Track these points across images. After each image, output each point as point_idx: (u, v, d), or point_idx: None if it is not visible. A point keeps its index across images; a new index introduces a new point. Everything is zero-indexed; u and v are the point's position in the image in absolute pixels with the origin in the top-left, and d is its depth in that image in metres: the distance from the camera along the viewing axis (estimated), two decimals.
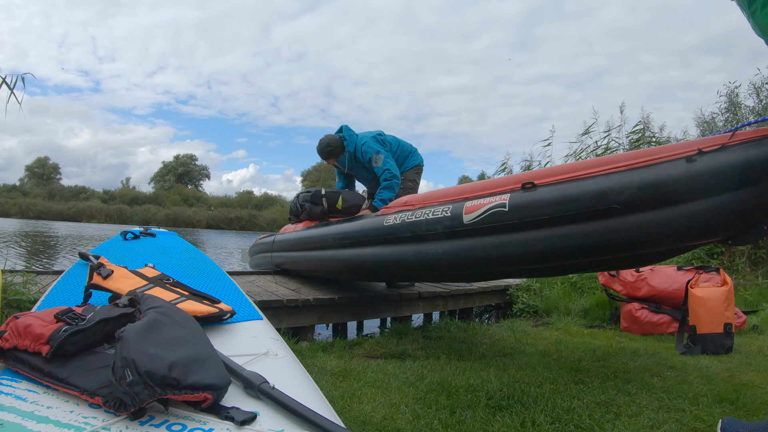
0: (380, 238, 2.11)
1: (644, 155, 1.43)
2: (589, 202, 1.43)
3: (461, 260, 1.78)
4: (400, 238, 1.99)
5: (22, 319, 0.80)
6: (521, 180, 1.63)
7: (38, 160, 45.16)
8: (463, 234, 1.74)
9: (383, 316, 3.20)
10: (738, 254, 4.57)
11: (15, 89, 2.30)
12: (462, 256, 1.76)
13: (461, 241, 1.76)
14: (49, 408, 0.70)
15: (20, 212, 33.01)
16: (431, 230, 1.84)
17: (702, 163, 1.31)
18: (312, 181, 45.39)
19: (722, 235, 1.39)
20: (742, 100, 5.89)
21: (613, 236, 1.42)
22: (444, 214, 1.81)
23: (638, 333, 2.80)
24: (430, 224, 1.85)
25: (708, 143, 1.34)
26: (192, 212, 35.83)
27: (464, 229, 1.72)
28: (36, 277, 2.16)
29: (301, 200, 3.13)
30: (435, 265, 1.89)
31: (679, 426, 1.35)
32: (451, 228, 1.77)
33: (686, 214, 1.33)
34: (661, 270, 2.88)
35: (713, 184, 1.30)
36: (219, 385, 0.71)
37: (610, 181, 1.41)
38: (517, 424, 1.31)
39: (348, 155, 3.20)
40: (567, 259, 1.57)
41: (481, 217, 1.67)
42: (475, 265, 1.78)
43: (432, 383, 1.65)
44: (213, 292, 1.25)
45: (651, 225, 1.36)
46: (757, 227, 1.33)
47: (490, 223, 1.64)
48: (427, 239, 1.87)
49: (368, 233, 2.20)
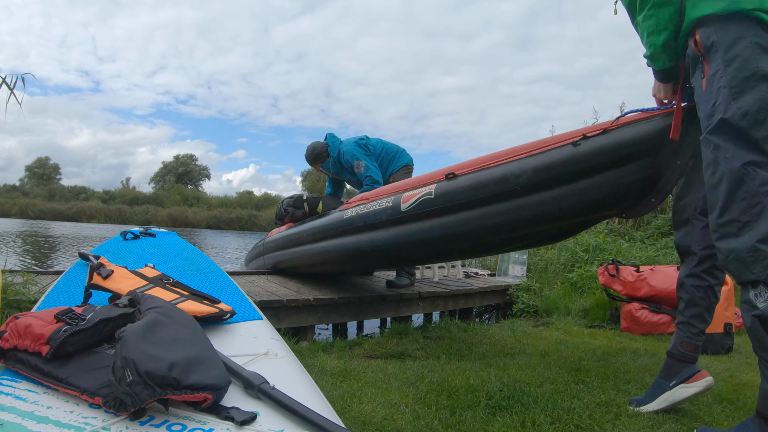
0: (341, 229, 2.41)
1: (540, 144, 1.64)
2: (496, 186, 1.68)
3: (403, 243, 2.07)
4: (357, 228, 2.29)
5: (22, 319, 0.80)
6: (446, 172, 1.90)
7: (38, 160, 45.17)
8: (403, 220, 2.03)
9: (383, 316, 3.20)
10: None
11: (15, 89, 2.30)
12: (403, 239, 2.05)
13: (402, 227, 2.05)
14: (49, 408, 0.70)
15: (20, 212, 32.99)
16: (379, 219, 2.15)
17: (585, 147, 1.50)
18: (312, 181, 45.35)
19: (615, 208, 1.56)
20: None
21: (519, 214, 1.66)
22: (387, 204, 2.12)
23: (638, 333, 2.80)
24: (378, 214, 2.15)
25: (592, 129, 1.53)
26: (192, 212, 35.81)
27: (402, 216, 2.02)
28: (36, 277, 2.16)
29: (285, 205, 3.39)
30: (384, 250, 2.17)
31: (679, 426, 1.35)
32: (393, 216, 2.07)
33: (576, 191, 1.53)
34: (661, 270, 2.88)
35: (596, 164, 1.48)
36: (219, 385, 0.71)
37: (511, 167, 1.66)
38: (517, 424, 1.31)
39: (332, 160, 3.37)
40: (485, 237, 1.83)
41: (414, 204, 1.97)
42: (414, 247, 2.06)
43: (432, 383, 1.65)
44: (213, 292, 1.25)
45: (548, 203, 1.59)
46: (645, 200, 1.49)
47: (421, 209, 1.94)
48: (377, 227, 2.17)
49: (332, 226, 2.51)
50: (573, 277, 3.71)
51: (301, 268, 3.21)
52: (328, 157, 3.37)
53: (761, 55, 1.11)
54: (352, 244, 2.33)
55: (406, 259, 2.45)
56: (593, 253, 4.02)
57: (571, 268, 3.94)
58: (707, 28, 1.17)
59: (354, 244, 2.32)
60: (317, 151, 3.34)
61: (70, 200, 37.01)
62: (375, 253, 2.24)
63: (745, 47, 1.13)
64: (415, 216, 1.97)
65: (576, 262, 4.02)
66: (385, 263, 2.58)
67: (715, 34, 1.16)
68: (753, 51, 1.12)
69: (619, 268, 2.97)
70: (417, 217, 1.97)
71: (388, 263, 2.57)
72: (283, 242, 3.13)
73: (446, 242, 1.93)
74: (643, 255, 4.06)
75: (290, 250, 3.04)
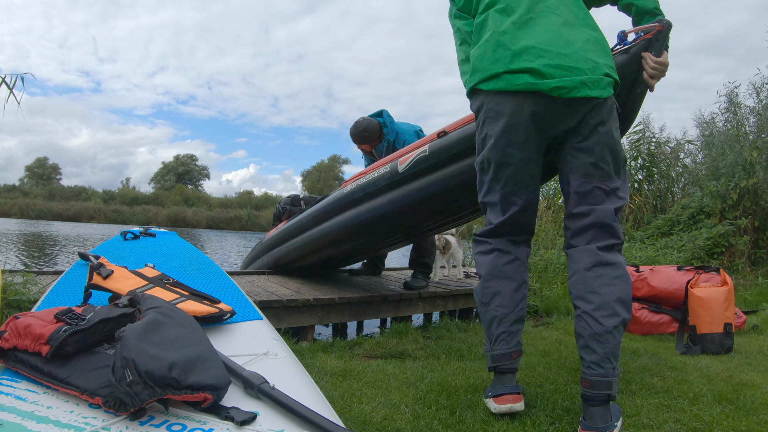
0: (342, 206, 2.45)
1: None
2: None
3: (401, 206, 2.15)
4: (357, 200, 2.35)
5: (22, 319, 0.80)
6: (438, 132, 2.03)
7: (38, 161, 45.22)
8: (400, 182, 2.12)
9: (383, 316, 3.20)
10: (738, 254, 4.57)
11: (14, 89, 2.31)
12: (400, 202, 2.14)
13: (399, 190, 2.14)
14: (49, 408, 0.70)
15: (20, 212, 32.99)
16: (378, 185, 2.22)
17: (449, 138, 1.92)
18: (312, 181, 45.39)
19: None
20: (742, 100, 5.89)
21: None
22: (385, 170, 2.20)
23: (638, 333, 2.80)
24: (377, 181, 2.23)
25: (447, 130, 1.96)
26: (192, 212, 35.81)
27: (400, 178, 2.11)
28: (36, 277, 2.15)
29: (282, 204, 3.34)
30: (385, 216, 2.24)
31: (679, 426, 1.35)
32: (391, 179, 2.15)
33: None
34: (661, 270, 2.88)
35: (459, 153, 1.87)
36: (219, 385, 0.71)
37: None
38: (517, 424, 1.31)
39: (387, 144, 2.97)
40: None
41: (411, 163, 2.07)
42: (412, 209, 2.15)
43: (432, 383, 1.65)
44: (213, 292, 1.25)
45: None
46: None
47: (417, 167, 2.04)
48: (375, 195, 2.24)
49: (333, 204, 2.53)
50: None
51: (304, 260, 3.09)
52: (383, 140, 2.95)
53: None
54: (353, 217, 2.36)
55: (404, 225, 2.43)
56: None
57: None
58: None
59: (355, 216, 2.36)
60: (369, 131, 2.92)
61: (70, 200, 37.00)
62: (375, 222, 2.29)
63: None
64: (412, 175, 2.07)
65: None
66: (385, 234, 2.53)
67: None
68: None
69: None
70: (413, 177, 2.07)
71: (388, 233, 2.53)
72: (283, 236, 3.05)
73: (442, 196, 2.02)
74: (643, 255, 4.06)
75: (291, 242, 2.97)
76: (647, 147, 6.40)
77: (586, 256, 1.37)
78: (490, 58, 1.39)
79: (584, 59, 1.33)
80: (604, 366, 1.26)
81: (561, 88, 1.31)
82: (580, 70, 1.31)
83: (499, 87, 1.37)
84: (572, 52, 1.33)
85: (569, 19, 1.38)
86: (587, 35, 1.37)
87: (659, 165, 6.39)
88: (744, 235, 4.59)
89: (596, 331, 1.28)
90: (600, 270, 1.34)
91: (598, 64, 1.33)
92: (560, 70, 1.31)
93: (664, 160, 6.41)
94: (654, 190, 6.30)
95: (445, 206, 2.15)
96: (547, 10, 1.38)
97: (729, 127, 5.88)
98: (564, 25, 1.36)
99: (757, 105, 5.67)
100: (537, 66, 1.32)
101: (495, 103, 1.40)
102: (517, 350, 1.44)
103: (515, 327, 1.44)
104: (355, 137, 3.02)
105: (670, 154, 6.39)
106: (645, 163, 6.40)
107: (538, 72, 1.32)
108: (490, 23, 1.42)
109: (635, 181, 6.38)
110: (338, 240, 2.61)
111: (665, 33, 1.39)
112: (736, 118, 5.89)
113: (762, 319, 3.10)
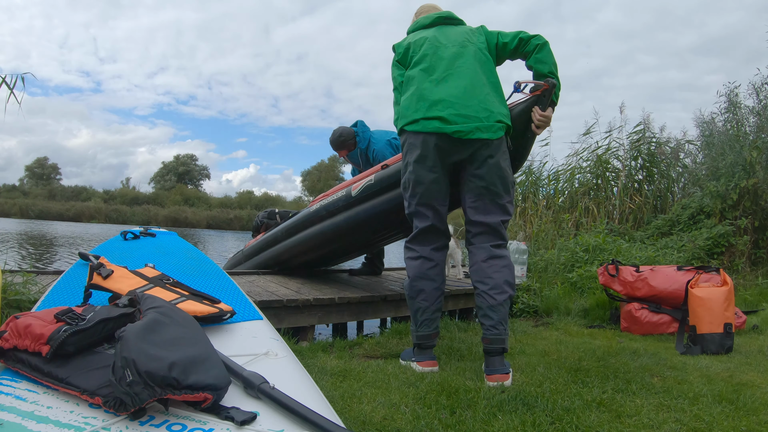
0: (309, 221, 2.93)
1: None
2: None
3: (355, 222, 2.61)
4: (321, 217, 2.82)
5: (22, 319, 0.80)
6: (382, 164, 2.49)
7: (38, 161, 45.19)
8: (353, 204, 2.59)
9: (383, 316, 3.20)
10: (738, 254, 4.57)
11: (15, 89, 2.30)
12: (353, 219, 2.61)
13: (353, 209, 2.60)
14: (49, 408, 0.70)
15: (20, 212, 32.98)
16: (337, 206, 2.70)
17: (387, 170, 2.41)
18: (312, 181, 45.34)
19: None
20: (742, 101, 5.88)
21: None
22: (342, 194, 2.68)
23: (638, 333, 2.80)
24: (336, 202, 2.71)
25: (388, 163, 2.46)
26: (191, 212, 35.81)
27: (353, 201, 2.59)
28: (36, 277, 2.15)
29: (260, 218, 3.75)
30: (343, 229, 2.69)
31: (679, 426, 1.35)
32: (347, 201, 2.63)
33: None
34: (661, 270, 2.88)
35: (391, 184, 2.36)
36: (219, 385, 0.71)
37: None
38: (517, 424, 1.31)
39: (359, 151, 3.22)
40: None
41: (361, 189, 2.54)
42: (363, 223, 2.60)
43: (432, 383, 1.65)
44: (213, 292, 1.25)
45: None
46: None
47: (366, 191, 2.51)
48: (335, 213, 2.71)
49: (302, 219, 3.00)
50: (573, 277, 3.71)
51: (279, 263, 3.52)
52: (355, 147, 3.22)
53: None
54: (319, 230, 2.85)
55: (358, 237, 2.87)
56: (593, 253, 4.01)
57: (571, 268, 3.94)
58: None
59: (319, 230, 2.84)
60: (343, 138, 3.21)
61: (70, 200, 37.00)
62: (335, 234, 2.77)
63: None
64: (362, 198, 2.54)
65: (576, 262, 4.02)
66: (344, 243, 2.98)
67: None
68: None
69: (619, 268, 2.97)
70: (363, 199, 2.54)
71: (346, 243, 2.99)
72: (261, 246, 3.49)
73: (385, 215, 2.49)
74: (643, 255, 4.06)
75: (268, 251, 3.41)
76: (647, 147, 6.39)
77: (482, 252, 1.89)
78: (413, 108, 1.88)
79: (482, 109, 1.83)
80: (498, 328, 1.79)
81: (460, 132, 1.81)
82: (476, 119, 1.82)
83: (417, 129, 1.86)
84: (473, 105, 1.83)
85: (475, 79, 1.87)
86: (487, 91, 1.87)
87: (659, 165, 6.38)
88: (744, 235, 4.59)
89: (491, 304, 1.81)
90: (492, 261, 1.86)
91: (492, 113, 1.84)
92: (461, 118, 1.82)
93: (664, 160, 6.40)
94: (654, 190, 6.30)
95: (389, 222, 2.59)
96: (459, 72, 1.87)
97: (729, 127, 5.87)
98: (470, 84, 1.86)
99: (757, 105, 5.66)
100: (445, 115, 1.82)
101: (413, 139, 1.89)
102: (435, 332, 1.94)
103: (435, 315, 1.93)
104: (333, 145, 3.32)
105: (670, 154, 6.38)
106: (645, 163, 6.39)
107: (446, 119, 1.82)
108: (416, 79, 1.92)
109: (635, 181, 6.38)
110: (307, 250, 3.07)
111: (550, 91, 1.85)
112: (736, 118, 5.88)
113: (762, 319, 3.10)
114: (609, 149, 6.54)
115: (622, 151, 6.48)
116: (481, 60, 1.92)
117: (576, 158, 6.75)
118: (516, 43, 1.95)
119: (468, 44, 1.94)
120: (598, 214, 5.99)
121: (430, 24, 2.05)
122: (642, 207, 6.00)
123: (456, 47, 1.92)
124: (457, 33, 1.98)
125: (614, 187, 6.31)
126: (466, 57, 1.90)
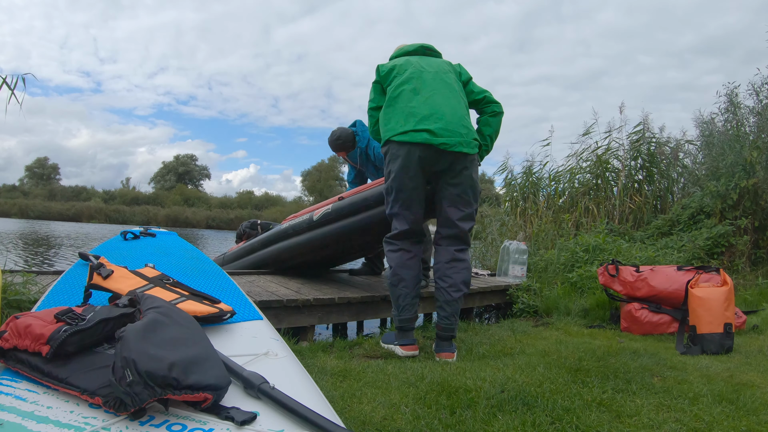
0: (279, 237, 3.36)
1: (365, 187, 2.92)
2: (360, 203, 2.80)
3: (316, 241, 3.06)
4: (288, 235, 3.26)
5: (22, 319, 0.80)
6: (339, 197, 2.98)
7: (38, 161, 45.25)
8: (314, 226, 3.04)
9: (383, 316, 3.20)
10: (738, 254, 4.57)
11: (15, 89, 2.30)
12: (314, 238, 3.05)
13: (314, 231, 3.05)
14: (49, 408, 0.70)
15: (20, 212, 32.98)
16: (302, 227, 3.14)
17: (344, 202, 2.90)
18: (312, 182, 45.33)
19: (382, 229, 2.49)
20: (742, 101, 5.88)
21: (371, 220, 2.72)
22: (305, 218, 3.14)
23: (638, 333, 2.80)
24: (301, 224, 3.16)
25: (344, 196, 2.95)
26: (191, 212, 35.81)
27: (314, 224, 3.03)
28: (36, 277, 2.15)
29: (243, 227, 4.07)
30: (306, 247, 3.15)
31: (679, 426, 1.35)
32: (309, 223, 3.07)
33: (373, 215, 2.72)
34: (661, 270, 2.88)
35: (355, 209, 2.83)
36: (219, 385, 0.71)
37: (365, 194, 2.79)
38: (517, 424, 1.31)
39: (359, 151, 3.25)
40: (363, 235, 2.88)
41: (321, 215, 2.99)
42: (321, 243, 3.03)
43: (432, 383, 1.65)
44: (213, 292, 1.25)
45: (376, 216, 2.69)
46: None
47: (324, 218, 2.97)
48: (300, 233, 3.16)
49: (274, 235, 3.43)
50: (573, 277, 3.71)
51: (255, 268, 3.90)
52: (355, 147, 3.24)
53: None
54: (286, 245, 3.29)
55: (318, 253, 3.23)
56: (593, 253, 4.01)
57: (571, 268, 3.93)
58: None
59: (286, 246, 3.29)
60: (342, 139, 3.22)
61: (70, 200, 36.99)
62: (300, 250, 3.21)
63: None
64: (321, 223, 2.99)
65: (576, 262, 4.01)
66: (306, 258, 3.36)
67: None
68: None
69: (619, 268, 2.97)
70: (322, 224, 2.99)
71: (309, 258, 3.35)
72: (241, 253, 3.91)
73: (340, 239, 2.95)
74: (643, 255, 4.06)
75: (245, 259, 3.82)
76: (647, 147, 6.38)
77: (446, 254, 2.22)
78: (402, 121, 2.11)
79: (462, 126, 2.12)
80: (451, 320, 2.17)
81: (446, 144, 2.07)
82: (459, 134, 2.10)
83: (406, 139, 2.08)
84: (455, 122, 2.11)
85: (455, 101, 2.17)
86: (465, 112, 2.21)
87: (659, 165, 6.37)
88: (744, 235, 4.58)
89: (447, 300, 2.18)
90: (454, 263, 2.20)
91: (470, 131, 2.17)
92: (447, 132, 2.08)
93: (664, 160, 6.39)
94: (654, 190, 6.29)
95: (342, 243, 3.04)
96: (443, 93, 2.16)
97: (729, 127, 5.86)
98: (453, 104, 2.15)
99: (757, 105, 5.65)
100: (434, 128, 2.07)
101: (396, 149, 2.12)
102: (415, 316, 2.22)
103: (414, 300, 2.21)
104: (332, 146, 3.37)
105: (670, 154, 6.37)
106: (645, 163, 6.38)
107: (434, 132, 2.07)
108: (403, 97, 2.15)
109: (635, 181, 6.37)
110: (278, 260, 3.49)
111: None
112: (736, 119, 5.87)
113: (762, 319, 3.10)
114: (609, 149, 6.53)
115: (621, 151, 6.47)
116: (458, 86, 2.25)
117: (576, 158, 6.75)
118: (480, 98, 2.31)
119: (448, 72, 2.25)
120: (598, 214, 5.98)
121: (413, 51, 2.34)
122: (642, 207, 6.00)
123: (438, 73, 2.22)
124: (437, 63, 2.28)
125: (614, 187, 6.30)
126: (447, 81, 2.20)
